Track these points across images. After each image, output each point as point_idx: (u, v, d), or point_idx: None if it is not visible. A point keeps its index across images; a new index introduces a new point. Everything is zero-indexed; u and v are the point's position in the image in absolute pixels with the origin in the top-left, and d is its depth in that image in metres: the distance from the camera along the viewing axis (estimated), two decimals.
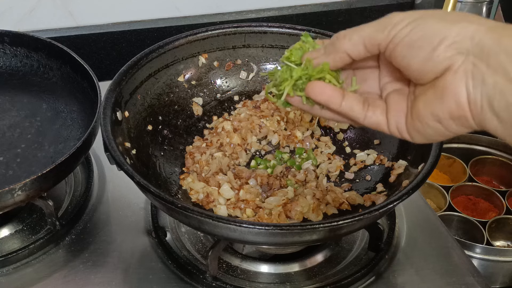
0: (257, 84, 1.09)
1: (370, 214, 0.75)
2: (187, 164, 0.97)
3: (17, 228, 0.98)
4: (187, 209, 0.74)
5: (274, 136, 1.01)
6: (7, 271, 0.91)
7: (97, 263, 0.92)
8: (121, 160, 0.80)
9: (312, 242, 0.88)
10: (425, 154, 0.85)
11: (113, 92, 0.90)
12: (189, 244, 0.96)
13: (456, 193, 1.29)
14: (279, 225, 0.75)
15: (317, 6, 1.56)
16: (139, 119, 0.96)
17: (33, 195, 0.88)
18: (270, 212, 0.87)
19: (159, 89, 1.01)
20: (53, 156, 1.00)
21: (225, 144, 0.98)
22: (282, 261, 0.94)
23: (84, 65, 1.04)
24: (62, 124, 1.07)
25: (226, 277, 0.91)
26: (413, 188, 0.78)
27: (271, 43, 1.07)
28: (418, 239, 0.98)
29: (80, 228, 0.98)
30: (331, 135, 1.05)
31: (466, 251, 1.09)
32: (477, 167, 1.36)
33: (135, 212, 1.01)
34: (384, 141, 0.99)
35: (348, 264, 0.94)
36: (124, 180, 0.82)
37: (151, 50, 0.99)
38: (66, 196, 1.04)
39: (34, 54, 1.13)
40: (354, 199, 0.91)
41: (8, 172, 0.97)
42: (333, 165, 0.99)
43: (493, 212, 1.27)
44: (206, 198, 0.90)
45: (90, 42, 1.44)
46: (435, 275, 0.92)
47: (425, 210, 1.04)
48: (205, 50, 1.06)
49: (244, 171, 0.95)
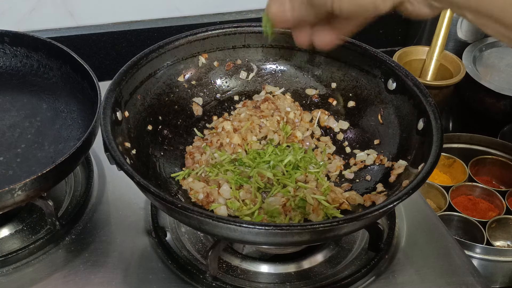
0: (257, 84, 1.09)
1: (370, 214, 0.75)
2: (187, 164, 0.97)
3: (17, 228, 0.98)
4: (187, 209, 0.74)
5: (274, 136, 1.01)
6: (7, 271, 0.91)
7: (97, 263, 0.92)
8: (121, 160, 0.80)
9: (312, 242, 0.88)
10: (425, 154, 0.85)
11: (113, 92, 0.90)
12: (189, 244, 0.96)
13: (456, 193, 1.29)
14: (279, 225, 0.75)
15: None
16: (139, 119, 0.96)
17: (33, 195, 0.88)
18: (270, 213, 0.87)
19: (159, 89, 1.01)
20: (53, 156, 1.00)
21: (225, 144, 0.98)
22: (282, 261, 0.94)
23: (84, 65, 1.04)
24: (62, 124, 1.07)
25: (226, 277, 0.91)
26: (413, 188, 0.78)
27: (271, 43, 1.07)
28: (418, 239, 0.98)
29: (80, 228, 0.98)
30: (331, 135, 1.05)
31: (466, 251, 1.09)
32: (477, 167, 1.36)
33: (135, 212, 1.01)
34: (384, 141, 0.99)
35: (348, 264, 0.94)
36: (124, 180, 0.82)
37: (151, 50, 0.99)
38: (66, 196, 1.04)
39: (34, 54, 1.13)
40: (354, 199, 0.91)
41: (8, 172, 0.97)
42: (333, 165, 0.99)
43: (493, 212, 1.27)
44: (206, 198, 0.90)
45: (90, 42, 1.44)
46: (435, 275, 0.92)
47: (425, 210, 1.04)
48: (205, 50, 1.06)
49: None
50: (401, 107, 0.97)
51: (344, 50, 1.03)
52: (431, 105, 0.90)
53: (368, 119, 1.02)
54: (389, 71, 0.99)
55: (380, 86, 1.01)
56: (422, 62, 1.48)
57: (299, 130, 1.03)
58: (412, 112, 0.94)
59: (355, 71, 1.04)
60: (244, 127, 1.00)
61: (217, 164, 0.95)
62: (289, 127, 1.03)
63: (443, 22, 1.42)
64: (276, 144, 1.01)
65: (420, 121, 0.91)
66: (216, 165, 0.95)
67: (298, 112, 1.05)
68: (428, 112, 0.90)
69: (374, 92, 1.02)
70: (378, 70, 1.01)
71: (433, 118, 0.89)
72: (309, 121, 1.06)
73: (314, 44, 0.79)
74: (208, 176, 0.93)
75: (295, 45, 1.06)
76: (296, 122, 1.05)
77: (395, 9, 0.67)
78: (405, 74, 0.96)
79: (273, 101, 1.05)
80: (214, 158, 0.96)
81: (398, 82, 0.97)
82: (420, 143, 0.91)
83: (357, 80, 1.04)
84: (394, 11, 0.67)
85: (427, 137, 0.88)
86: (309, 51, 1.06)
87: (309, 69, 1.08)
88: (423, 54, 1.48)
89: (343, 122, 1.04)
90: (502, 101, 1.47)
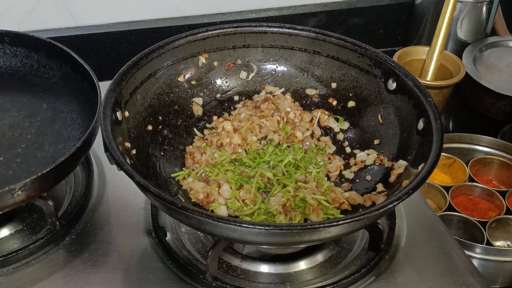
0: (257, 84, 1.09)
1: (370, 214, 0.75)
2: (187, 164, 0.98)
3: (17, 228, 0.98)
4: (187, 209, 0.74)
5: (274, 136, 1.01)
6: (7, 271, 0.91)
7: (97, 263, 0.92)
8: (121, 160, 0.80)
9: (312, 242, 0.88)
10: (425, 154, 0.85)
11: (113, 92, 0.90)
12: (189, 244, 0.96)
13: (456, 193, 1.29)
14: (279, 225, 0.75)
15: (317, 6, 1.56)
16: (139, 119, 0.96)
17: (33, 195, 0.88)
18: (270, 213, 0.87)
19: (159, 89, 1.01)
20: (53, 156, 1.00)
21: (225, 144, 0.98)
22: (282, 261, 0.94)
23: (84, 65, 1.04)
24: (62, 124, 1.07)
25: (226, 277, 0.91)
26: (413, 188, 0.78)
27: (271, 43, 1.07)
28: (418, 239, 0.98)
29: (80, 228, 0.98)
30: (331, 135, 1.05)
31: (466, 251, 1.09)
32: (477, 167, 1.36)
33: (135, 212, 1.01)
34: (384, 141, 0.99)
35: (348, 264, 0.94)
36: (124, 180, 0.82)
37: (151, 50, 0.99)
38: (66, 196, 1.04)
39: (34, 54, 1.13)
40: (354, 199, 0.91)
41: (8, 172, 0.97)
42: (333, 165, 0.99)
43: (493, 212, 1.27)
44: (206, 198, 0.90)
45: (90, 42, 1.44)
46: (435, 275, 0.92)
47: (425, 210, 1.04)
48: (205, 50, 1.06)
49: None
50: (401, 107, 0.97)
51: (344, 50, 1.03)
52: (431, 105, 0.90)
53: (368, 119, 1.02)
54: (389, 71, 0.99)
55: (380, 86, 1.01)
56: (422, 62, 1.48)
57: (299, 130, 1.03)
58: (412, 112, 0.94)
59: (355, 71, 1.04)
60: (244, 127, 1.00)
61: (217, 164, 0.95)
62: (289, 127, 1.03)
63: (443, 22, 1.42)
64: (276, 144, 1.01)
65: (420, 121, 0.92)
66: (216, 165, 0.95)
67: (298, 112, 1.05)
68: (428, 112, 0.90)
69: (374, 92, 1.02)
70: (378, 70, 1.01)
71: (433, 118, 0.89)
72: (309, 121, 1.06)
73: None
74: (208, 176, 0.93)
75: (295, 45, 1.07)
76: (296, 122, 1.05)
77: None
78: (405, 74, 0.96)
79: (273, 101, 1.05)
80: (214, 158, 0.96)
81: (398, 82, 0.97)
82: (420, 143, 0.91)
83: (357, 80, 1.04)
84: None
85: (427, 137, 0.88)
86: (309, 51, 1.07)
87: (309, 69, 1.08)
88: (423, 54, 1.48)
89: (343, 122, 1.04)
90: (502, 101, 1.48)
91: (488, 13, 1.54)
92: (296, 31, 1.06)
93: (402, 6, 1.59)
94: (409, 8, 1.60)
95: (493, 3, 1.52)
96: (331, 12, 1.56)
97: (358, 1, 1.58)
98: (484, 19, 1.55)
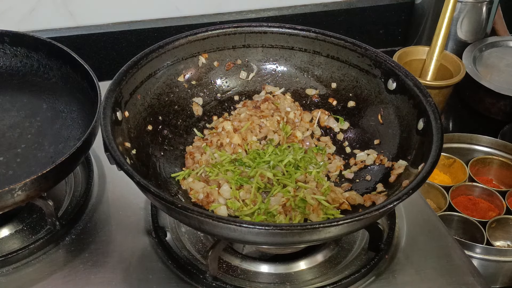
0: (257, 84, 1.09)
1: (370, 214, 0.75)
2: (187, 164, 0.98)
3: (17, 228, 0.98)
4: (187, 209, 0.74)
5: (274, 136, 1.01)
6: (7, 271, 0.91)
7: (97, 263, 0.92)
8: (121, 160, 0.80)
9: (313, 242, 0.88)
10: (425, 154, 0.85)
11: (113, 92, 0.90)
12: (189, 244, 0.96)
13: (456, 193, 1.29)
14: (279, 225, 0.75)
15: (317, 6, 1.56)
16: (139, 119, 0.96)
17: (33, 195, 0.88)
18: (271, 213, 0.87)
19: (159, 89, 1.01)
20: (53, 156, 1.00)
21: (225, 144, 0.98)
22: (282, 261, 0.94)
23: (84, 65, 1.04)
24: (62, 124, 1.07)
25: (226, 277, 0.91)
26: (413, 188, 0.78)
27: (271, 43, 1.07)
28: (418, 239, 0.98)
29: (80, 228, 0.98)
30: (331, 135, 1.05)
31: (466, 251, 1.09)
32: (477, 167, 1.36)
33: (135, 212, 1.01)
34: (384, 141, 0.99)
35: (348, 264, 0.94)
36: (124, 180, 0.82)
37: (151, 50, 0.99)
38: (66, 196, 1.04)
39: (34, 54, 1.13)
40: (354, 199, 0.91)
41: (8, 172, 0.97)
42: (333, 165, 0.99)
43: (493, 212, 1.26)
44: (206, 198, 0.90)
45: (90, 42, 1.44)
46: (435, 275, 0.92)
47: (425, 210, 1.04)
48: (205, 50, 1.06)
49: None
50: (401, 107, 0.97)
51: (344, 50, 1.03)
52: (431, 105, 0.90)
53: (368, 119, 1.02)
54: (389, 71, 0.99)
55: (380, 86, 1.01)
56: (422, 62, 1.48)
57: (299, 130, 1.03)
58: (412, 112, 0.94)
59: (355, 71, 1.04)
60: (244, 127, 1.00)
61: (217, 164, 0.95)
62: (289, 127, 1.03)
63: (443, 22, 1.42)
64: (276, 144, 1.01)
65: (420, 121, 0.92)
66: (216, 165, 0.95)
67: (298, 112, 1.05)
68: (428, 112, 0.90)
69: (374, 92, 1.02)
70: (378, 70, 1.01)
71: (433, 118, 0.89)
72: (309, 121, 1.06)
73: None
74: (208, 176, 0.93)
75: (295, 45, 1.07)
76: (296, 122, 1.05)
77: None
78: (405, 74, 0.96)
79: (273, 101, 1.05)
80: (214, 158, 0.96)
81: (398, 82, 0.97)
82: (420, 143, 0.91)
83: (357, 80, 1.04)
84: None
85: (427, 137, 0.88)
86: (309, 51, 1.07)
87: (309, 69, 1.08)
88: (423, 54, 1.48)
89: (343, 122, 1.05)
90: (502, 101, 1.48)
91: (488, 13, 1.54)
92: (296, 31, 1.06)
93: (402, 6, 1.59)
94: (409, 8, 1.60)
95: (493, 3, 1.52)
96: (331, 12, 1.56)
97: (358, 1, 1.58)
98: (484, 19, 1.55)
